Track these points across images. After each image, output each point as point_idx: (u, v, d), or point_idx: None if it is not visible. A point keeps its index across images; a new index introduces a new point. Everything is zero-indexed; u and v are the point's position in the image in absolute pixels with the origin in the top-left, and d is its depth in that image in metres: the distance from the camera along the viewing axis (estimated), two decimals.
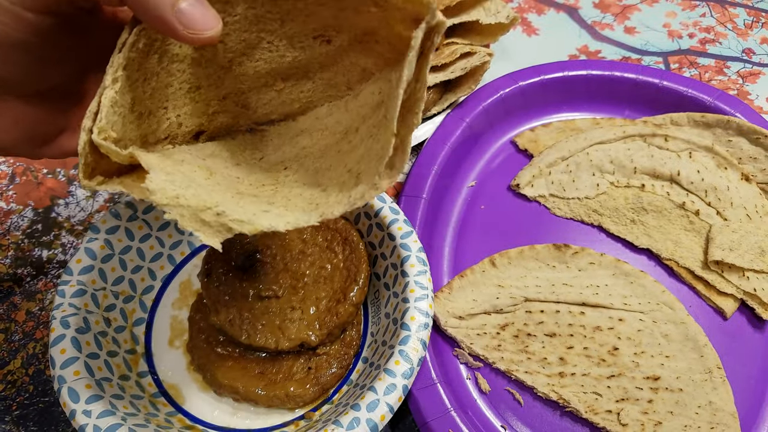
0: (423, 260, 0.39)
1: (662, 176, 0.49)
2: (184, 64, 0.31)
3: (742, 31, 0.65)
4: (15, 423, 0.40)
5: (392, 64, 0.33)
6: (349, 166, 0.29)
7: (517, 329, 0.43)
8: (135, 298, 0.42)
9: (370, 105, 0.33)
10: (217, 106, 0.35)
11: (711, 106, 0.53)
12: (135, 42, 0.28)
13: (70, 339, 0.35)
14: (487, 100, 0.53)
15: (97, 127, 0.26)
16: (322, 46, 0.34)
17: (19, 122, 0.31)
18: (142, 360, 0.40)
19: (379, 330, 0.40)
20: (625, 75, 0.55)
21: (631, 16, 0.66)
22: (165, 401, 0.39)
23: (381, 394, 0.33)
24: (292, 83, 0.36)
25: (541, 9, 0.67)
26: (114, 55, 0.27)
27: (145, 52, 0.29)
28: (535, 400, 0.41)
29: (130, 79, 0.28)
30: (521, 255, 0.46)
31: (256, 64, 0.34)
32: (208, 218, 0.26)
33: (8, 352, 0.43)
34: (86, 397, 0.33)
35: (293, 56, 0.34)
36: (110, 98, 0.27)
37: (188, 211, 0.26)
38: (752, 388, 0.41)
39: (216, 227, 0.26)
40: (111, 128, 0.27)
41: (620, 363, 0.41)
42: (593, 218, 0.49)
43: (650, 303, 0.43)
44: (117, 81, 0.27)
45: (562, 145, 0.51)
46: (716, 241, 0.45)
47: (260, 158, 0.34)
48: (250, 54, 0.33)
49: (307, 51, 0.34)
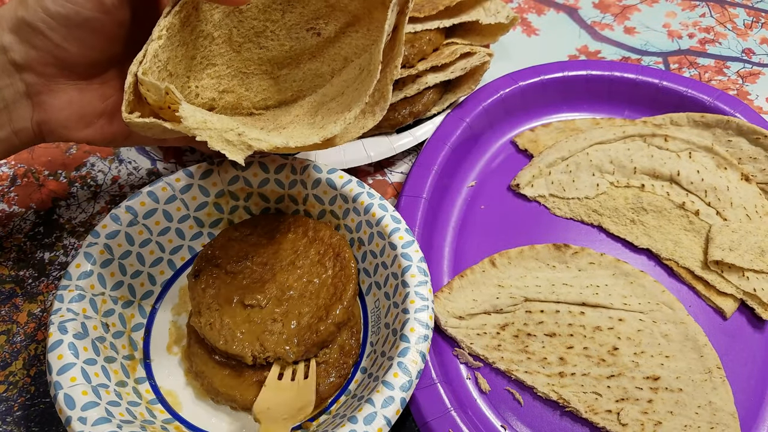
0: (424, 270, 0.39)
1: (662, 176, 0.49)
2: (207, 41, 0.39)
3: (742, 31, 0.65)
4: (17, 424, 0.40)
5: (369, 50, 0.41)
6: (342, 107, 0.37)
7: (517, 329, 0.43)
8: (134, 303, 0.42)
9: (352, 77, 0.40)
10: (227, 84, 0.41)
11: (711, 106, 0.53)
12: (178, 11, 0.35)
13: (68, 344, 0.35)
14: (487, 100, 0.53)
15: (143, 68, 0.33)
16: (313, 37, 0.42)
17: (71, 103, 0.37)
18: (140, 366, 0.40)
19: (378, 340, 0.40)
20: (625, 75, 0.55)
21: (630, 17, 0.67)
22: (162, 408, 0.38)
23: (378, 406, 0.33)
24: (286, 72, 0.43)
25: (540, 9, 0.67)
26: (161, 18, 0.34)
27: (183, 23, 0.35)
28: (535, 399, 0.41)
29: (170, 40, 0.35)
30: (521, 255, 0.46)
31: (260, 51, 0.41)
32: (232, 138, 0.32)
33: (10, 354, 0.43)
34: (82, 403, 0.33)
35: (290, 46, 0.41)
36: (154, 49, 0.33)
37: (215, 133, 0.32)
38: (752, 388, 0.41)
39: (239, 145, 0.32)
40: (151, 72, 0.33)
41: (620, 363, 0.41)
42: (593, 218, 0.49)
43: (650, 303, 0.43)
44: (161, 38, 0.34)
45: (562, 145, 0.52)
46: (716, 241, 0.45)
47: (261, 128, 0.40)
48: (256, 41, 0.41)
49: (301, 42, 0.42)
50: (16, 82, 0.36)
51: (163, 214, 0.42)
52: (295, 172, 0.43)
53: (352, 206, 0.42)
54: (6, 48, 0.35)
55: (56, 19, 0.34)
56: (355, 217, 0.43)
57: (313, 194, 0.44)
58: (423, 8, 0.53)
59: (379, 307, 0.41)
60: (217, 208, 0.45)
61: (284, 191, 0.44)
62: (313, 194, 0.44)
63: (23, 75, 0.36)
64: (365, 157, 0.51)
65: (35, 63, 0.35)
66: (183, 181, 0.42)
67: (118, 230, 0.40)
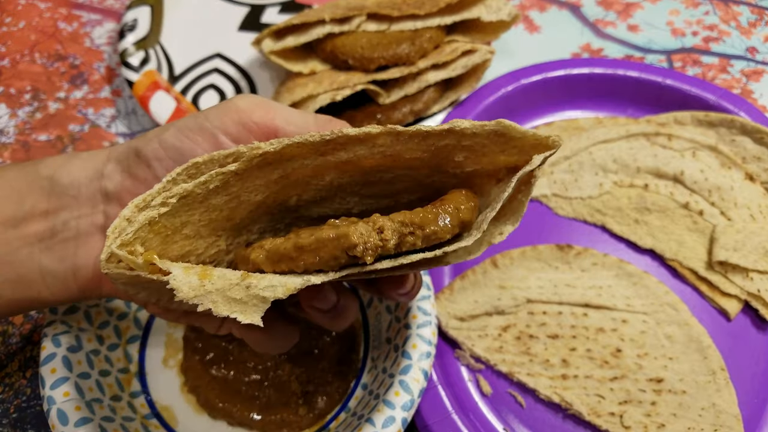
0: (427, 284, 0.38)
1: (666, 176, 0.49)
2: (248, 207, 0.30)
3: (746, 29, 0.65)
4: (12, 426, 0.40)
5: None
6: None
7: (519, 331, 0.42)
8: (129, 314, 0.41)
9: None
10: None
11: (714, 104, 0.52)
12: (207, 182, 0.26)
13: (61, 358, 0.34)
14: (489, 98, 0.53)
15: (121, 240, 0.25)
16: (386, 202, 0.33)
17: None
18: (135, 379, 0.39)
19: (379, 355, 0.39)
20: (628, 73, 0.54)
21: (634, 14, 0.66)
22: (158, 423, 0.38)
23: (379, 426, 0.32)
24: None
25: (543, 6, 0.67)
26: (175, 186, 0.26)
27: (215, 191, 0.27)
28: (537, 402, 0.40)
29: (179, 209, 0.27)
30: (523, 255, 0.45)
31: (320, 209, 0.33)
32: (239, 295, 0.24)
33: (6, 355, 0.43)
34: (75, 419, 0.32)
35: (357, 206, 0.33)
36: (149, 218, 0.26)
37: (219, 296, 0.24)
38: (756, 389, 0.40)
39: (251, 302, 0.25)
40: (138, 243, 0.26)
41: (623, 365, 0.40)
42: (596, 218, 0.48)
43: (653, 304, 0.43)
44: (166, 205, 0.26)
45: (564, 144, 0.51)
46: (720, 242, 0.45)
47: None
48: (321, 203, 0.32)
49: (373, 205, 0.33)
50: (97, 213, 0.31)
51: None
52: None
53: None
54: (103, 175, 0.31)
55: (168, 151, 0.30)
56: None
57: None
58: (424, 5, 0.52)
59: (380, 321, 0.40)
60: None
61: None
62: None
63: (108, 206, 0.31)
64: None
65: (126, 194, 0.31)
66: None
67: None
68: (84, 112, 0.57)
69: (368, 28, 0.52)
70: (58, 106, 0.57)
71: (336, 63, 0.52)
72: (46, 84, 0.59)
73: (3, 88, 0.59)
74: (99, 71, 0.60)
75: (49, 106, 0.57)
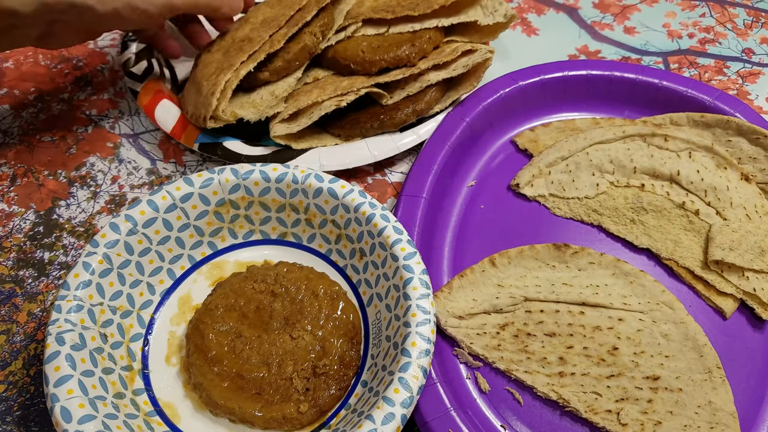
0: (426, 283, 0.38)
1: (662, 176, 0.49)
2: None
3: (742, 31, 0.65)
4: (16, 424, 0.40)
5: None
6: None
7: (517, 329, 0.43)
8: (133, 313, 0.41)
9: None
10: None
11: (711, 106, 0.53)
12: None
13: (65, 356, 0.34)
14: (487, 99, 0.53)
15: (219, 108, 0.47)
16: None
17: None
18: (138, 377, 0.40)
19: (379, 353, 0.39)
20: (625, 75, 0.55)
21: (630, 16, 0.66)
22: (160, 420, 0.38)
23: (378, 423, 0.32)
24: None
25: (540, 9, 0.67)
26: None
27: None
28: (534, 399, 0.41)
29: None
30: (521, 255, 0.46)
31: None
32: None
33: (10, 354, 0.43)
34: (79, 417, 0.32)
35: None
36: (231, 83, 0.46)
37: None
38: (752, 388, 0.41)
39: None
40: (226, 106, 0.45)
41: (620, 363, 0.41)
42: (593, 218, 0.49)
43: (650, 303, 0.43)
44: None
45: (561, 145, 0.52)
46: (716, 241, 0.45)
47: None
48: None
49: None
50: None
51: (163, 223, 0.42)
52: (296, 181, 0.43)
53: (353, 216, 0.42)
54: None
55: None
56: (357, 227, 0.42)
57: (314, 203, 0.44)
58: (418, 6, 0.52)
59: (380, 319, 0.41)
60: (218, 216, 0.44)
61: (285, 200, 0.44)
62: (315, 203, 0.44)
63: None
64: (369, 156, 0.51)
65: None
66: (183, 189, 0.42)
67: (118, 239, 0.40)
68: (88, 114, 0.58)
69: (366, 32, 0.53)
70: (62, 107, 0.58)
71: (338, 68, 0.53)
72: (50, 85, 0.60)
73: (7, 90, 0.59)
74: (102, 73, 0.61)
75: (53, 107, 0.58)
